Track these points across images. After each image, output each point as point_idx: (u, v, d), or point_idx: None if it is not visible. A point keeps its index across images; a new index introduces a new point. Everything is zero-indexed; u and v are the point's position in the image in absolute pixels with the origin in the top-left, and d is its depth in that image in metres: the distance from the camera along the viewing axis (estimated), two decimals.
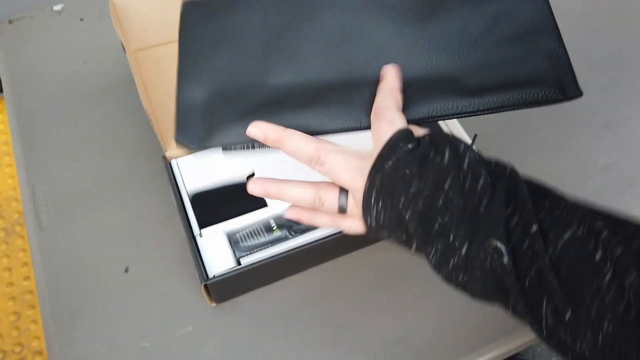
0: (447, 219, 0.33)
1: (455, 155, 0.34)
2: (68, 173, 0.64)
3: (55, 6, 0.83)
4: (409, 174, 0.34)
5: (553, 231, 0.31)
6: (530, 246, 0.31)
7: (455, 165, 0.34)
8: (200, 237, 0.54)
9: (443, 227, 0.33)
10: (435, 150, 0.35)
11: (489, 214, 0.32)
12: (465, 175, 0.33)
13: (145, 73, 0.66)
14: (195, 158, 0.60)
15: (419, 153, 0.35)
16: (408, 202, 0.34)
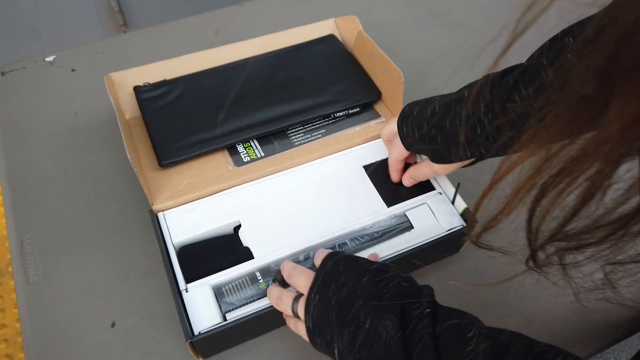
0: (360, 303, 0.43)
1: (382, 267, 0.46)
2: (56, 226, 0.65)
3: (48, 57, 0.85)
4: (342, 269, 0.46)
5: (444, 318, 0.41)
6: (421, 322, 0.40)
7: (377, 270, 0.45)
8: (186, 292, 0.54)
9: (357, 310, 0.42)
10: (368, 261, 0.47)
11: (391, 298, 0.42)
12: (382, 278, 0.44)
13: (136, 136, 0.68)
14: (182, 211, 0.60)
15: (352, 258, 0.47)
16: (336, 290, 0.44)
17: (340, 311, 0.43)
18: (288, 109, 0.69)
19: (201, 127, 0.67)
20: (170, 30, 0.91)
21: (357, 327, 0.42)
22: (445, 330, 0.40)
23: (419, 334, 0.40)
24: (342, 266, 0.46)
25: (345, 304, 0.43)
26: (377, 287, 0.43)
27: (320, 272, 0.46)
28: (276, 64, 0.76)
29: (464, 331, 0.39)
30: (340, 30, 0.82)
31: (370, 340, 0.41)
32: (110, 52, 0.87)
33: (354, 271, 0.45)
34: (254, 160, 0.65)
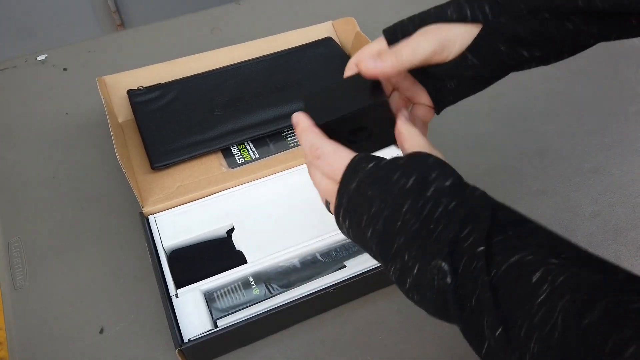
0: (402, 240, 0.34)
1: (421, 182, 0.35)
2: (45, 229, 0.63)
3: (39, 56, 0.83)
4: (371, 194, 0.36)
5: (502, 254, 0.31)
6: (474, 267, 0.31)
7: (417, 191, 0.35)
8: (176, 297, 0.52)
9: (399, 247, 0.35)
10: (402, 174, 0.36)
11: (439, 237, 0.33)
12: (426, 202, 0.34)
13: (129, 139, 0.66)
14: (173, 214, 0.59)
15: (382, 175, 0.36)
16: (369, 221, 0.36)
17: (379, 246, 0.36)
18: (284, 111, 0.68)
19: (195, 130, 0.65)
20: (165, 28, 0.90)
21: (403, 266, 0.35)
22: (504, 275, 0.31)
23: (473, 282, 0.31)
24: (370, 190, 0.36)
25: (385, 240, 0.35)
26: (421, 220, 0.34)
27: (343, 194, 0.37)
28: (273, 66, 0.74)
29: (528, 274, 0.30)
30: (337, 33, 0.81)
31: (421, 286, 0.34)
32: (103, 51, 0.85)
33: (387, 196, 0.35)
34: (248, 162, 0.64)
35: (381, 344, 0.54)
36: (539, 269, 0.30)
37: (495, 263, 0.31)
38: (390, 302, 0.57)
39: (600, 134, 0.73)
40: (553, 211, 0.65)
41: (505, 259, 0.31)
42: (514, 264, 0.31)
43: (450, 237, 0.33)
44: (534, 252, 0.31)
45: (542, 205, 0.66)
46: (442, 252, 0.33)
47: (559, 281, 0.29)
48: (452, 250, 0.32)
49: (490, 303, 0.30)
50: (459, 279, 0.32)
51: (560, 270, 0.29)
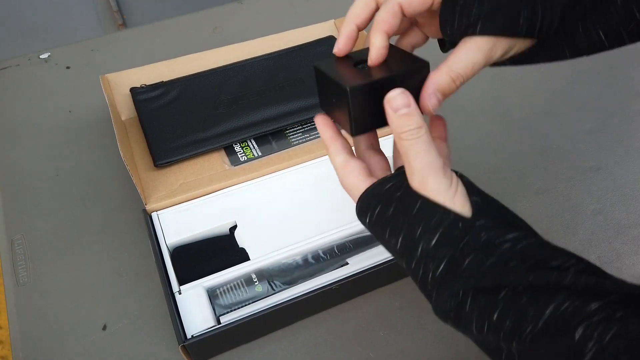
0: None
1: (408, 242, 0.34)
2: (48, 226, 0.63)
3: (42, 54, 0.83)
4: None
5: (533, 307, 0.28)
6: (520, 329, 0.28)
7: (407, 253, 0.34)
8: (179, 294, 0.52)
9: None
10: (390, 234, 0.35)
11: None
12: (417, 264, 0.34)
13: (132, 137, 0.67)
14: (176, 211, 0.59)
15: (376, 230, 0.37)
16: (388, 240, 0.36)
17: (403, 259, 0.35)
18: (286, 109, 0.68)
19: (198, 128, 0.65)
20: (167, 27, 0.90)
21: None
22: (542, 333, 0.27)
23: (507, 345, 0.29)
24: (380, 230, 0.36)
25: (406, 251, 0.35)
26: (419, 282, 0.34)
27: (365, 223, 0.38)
28: (275, 65, 0.74)
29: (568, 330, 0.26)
30: (340, 31, 0.81)
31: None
32: (105, 50, 0.85)
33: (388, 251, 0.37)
34: (250, 160, 0.64)
35: (383, 341, 0.54)
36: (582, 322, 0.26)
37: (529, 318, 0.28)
38: (393, 299, 0.57)
39: (602, 133, 0.73)
40: (554, 210, 0.65)
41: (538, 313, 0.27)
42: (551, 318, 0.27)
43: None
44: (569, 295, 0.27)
45: (544, 204, 0.66)
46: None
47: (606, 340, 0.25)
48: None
49: None
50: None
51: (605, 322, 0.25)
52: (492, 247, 0.31)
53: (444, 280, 0.32)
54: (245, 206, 0.60)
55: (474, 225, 0.32)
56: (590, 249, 0.61)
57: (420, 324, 0.55)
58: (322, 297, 0.53)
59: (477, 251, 0.31)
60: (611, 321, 0.25)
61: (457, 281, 0.31)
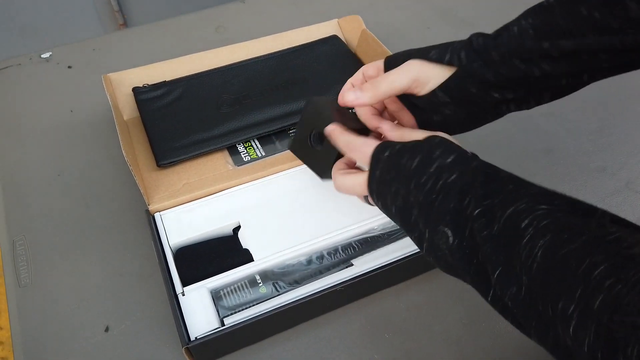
0: (415, 212, 0.41)
1: (425, 160, 0.41)
2: (50, 227, 0.63)
3: (44, 54, 0.83)
4: (389, 178, 0.43)
5: (500, 209, 0.36)
6: (476, 227, 0.36)
7: (421, 169, 0.41)
8: (182, 295, 0.52)
9: (415, 219, 0.41)
10: (409, 156, 0.42)
11: (441, 207, 0.39)
12: (428, 177, 0.40)
13: (134, 137, 0.66)
14: (179, 212, 0.58)
15: (394, 160, 0.43)
16: (392, 200, 0.42)
17: (402, 219, 0.42)
18: (290, 109, 0.68)
19: (201, 128, 0.65)
20: (170, 27, 0.89)
21: (419, 234, 0.41)
22: (502, 226, 0.35)
23: (476, 239, 0.36)
24: (388, 175, 0.43)
25: (405, 213, 0.42)
26: (425, 193, 0.40)
27: (372, 181, 0.44)
28: (279, 64, 0.74)
29: (517, 221, 0.34)
30: (343, 31, 0.81)
31: (434, 249, 0.40)
32: (107, 49, 0.85)
33: (400, 177, 0.42)
34: (254, 160, 0.63)
35: (388, 343, 0.54)
36: (529, 215, 0.34)
37: (496, 218, 0.36)
38: (398, 300, 0.56)
39: (607, 133, 0.72)
40: None
41: (502, 213, 0.35)
42: (509, 215, 0.35)
43: (450, 206, 0.38)
44: (526, 202, 0.35)
45: None
46: (445, 219, 0.38)
47: (542, 224, 0.33)
48: (455, 217, 0.38)
49: (491, 252, 0.35)
50: (467, 240, 0.37)
51: (546, 215, 0.33)
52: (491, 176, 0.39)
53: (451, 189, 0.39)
54: (249, 207, 0.59)
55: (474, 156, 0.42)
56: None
57: (426, 325, 0.54)
58: (326, 299, 0.52)
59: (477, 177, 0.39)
60: (549, 216, 0.33)
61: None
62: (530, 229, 0.33)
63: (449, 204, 0.39)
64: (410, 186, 0.41)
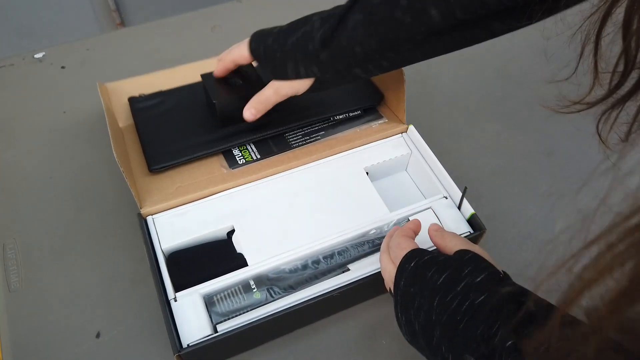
0: (438, 333, 0.38)
1: (454, 277, 0.39)
2: (41, 230, 0.62)
3: (37, 54, 0.82)
4: (413, 291, 0.41)
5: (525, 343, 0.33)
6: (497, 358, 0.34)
7: (449, 285, 0.39)
8: (174, 301, 0.50)
9: (437, 340, 0.38)
10: (436, 271, 0.41)
11: (467, 332, 0.36)
12: (454, 296, 0.38)
13: (128, 143, 0.65)
14: (172, 215, 0.57)
15: (420, 272, 0.41)
16: (415, 315, 0.40)
17: (425, 338, 0.40)
18: (285, 114, 0.66)
19: (195, 133, 0.63)
20: (165, 26, 0.88)
21: (442, 357, 0.39)
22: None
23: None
24: (412, 287, 0.41)
25: (427, 332, 0.40)
26: (449, 313, 0.38)
27: (397, 292, 0.43)
28: None
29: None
30: None
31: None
32: (101, 50, 0.83)
33: (424, 292, 0.40)
34: (249, 163, 0.62)
35: (386, 350, 0.52)
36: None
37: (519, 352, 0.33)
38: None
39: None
40: (560, 213, 0.64)
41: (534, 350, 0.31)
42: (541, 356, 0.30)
43: (477, 333, 0.36)
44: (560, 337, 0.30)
45: (550, 206, 0.64)
46: (471, 346, 0.36)
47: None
48: (481, 345, 0.35)
49: None
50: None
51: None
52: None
53: None
54: (244, 210, 0.58)
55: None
56: None
57: None
58: (322, 304, 0.51)
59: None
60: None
61: None
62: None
63: (476, 330, 0.36)
64: (434, 303, 0.39)
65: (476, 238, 0.56)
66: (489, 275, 0.39)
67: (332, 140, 0.65)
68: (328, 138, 0.65)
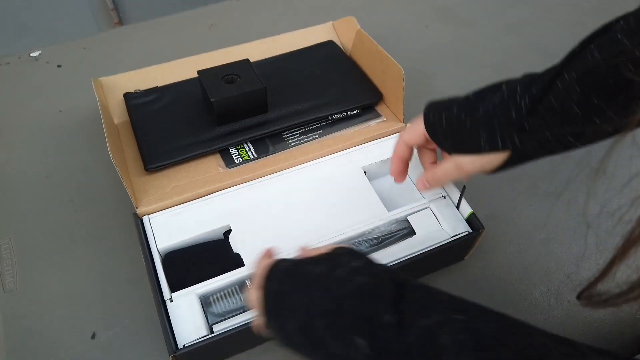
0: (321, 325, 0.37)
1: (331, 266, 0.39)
2: (36, 230, 0.61)
3: (33, 52, 0.81)
4: (287, 289, 0.40)
5: (410, 319, 0.34)
6: (388, 337, 0.34)
7: (327, 274, 0.39)
8: (170, 301, 0.50)
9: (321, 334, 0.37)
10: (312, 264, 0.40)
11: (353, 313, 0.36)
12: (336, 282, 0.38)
13: (124, 141, 0.64)
14: (169, 215, 0.57)
15: (292, 270, 0.41)
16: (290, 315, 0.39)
17: (303, 337, 0.38)
18: (283, 113, 0.66)
19: (192, 132, 0.63)
20: (162, 25, 0.88)
21: (326, 350, 0.37)
22: (414, 338, 0.33)
23: (390, 351, 0.34)
24: (286, 285, 0.40)
25: (306, 330, 0.38)
26: (332, 299, 0.37)
27: (268, 296, 0.41)
28: (273, 69, 0.72)
29: (435, 336, 0.33)
30: (338, 34, 0.79)
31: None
32: (98, 48, 0.83)
33: (299, 286, 0.39)
34: (246, 162, 0.62)
35: None
36: (447, 328, 0.33)
37: (405, 328, 0.34)
38: None
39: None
40: (561, 213, 0.63)
41: (413, 322, 0.34)
42: (421, 326, 0.33)
43: (363, 314, 0.35)
44: (441, 311, 0.34)
45: (549, 206, 0.64)
46: (359, 327, 0.35)
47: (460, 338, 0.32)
48: (367, 326, 0.35)
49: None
50: (380, 351, 0.34)
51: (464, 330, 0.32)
52: None
53: None
54: (241, 209, 0.57)
55: None
56: (598, 254, 0.59)
57: None
58: None
59: None
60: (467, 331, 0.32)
61: None
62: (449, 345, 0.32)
63: (363, 311, 0.35)
64: (313, 293, 0.38)
65: (474, 237, 0.55)
66: (367, 261, 0.39)
67: (330, 139, 0.64)
68: (326, 137, 0.65)
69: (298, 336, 0.38)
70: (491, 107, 0.44)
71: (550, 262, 0.60)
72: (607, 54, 0.36)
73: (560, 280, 0.58)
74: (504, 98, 0.43)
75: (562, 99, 0.39)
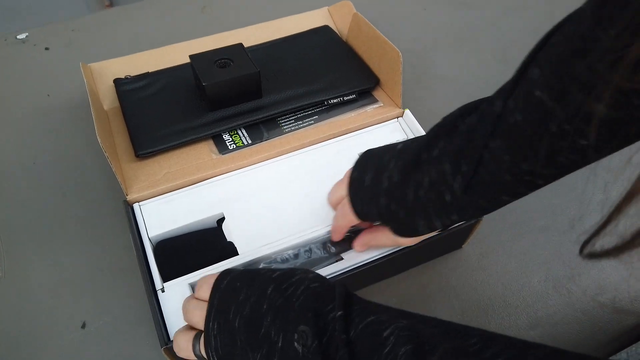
0: (269, 320, 0.37)
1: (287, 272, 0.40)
2: (24, 218, 0.60)
3: (20, 35, 0.79)
4: (239, 285, 0.40)
5: (359, 317, 0.36)
6: (334, 328, 0.35)
7: (282, 277, 0.39)
8: (162, 291, 0.49)
9: (267, 328, 0.37)
10: (269, 269, 0.41)
11: (302, 306, 0.37)
12: (289, 285, 0.38)
13: (114, 127, 0.63)
14: (160, 202, 0.55)
15: (252, 269, 0.42)
16: (237, 309, 0.38)
17: (247, 333, 0.37)
18: (278, 98, 0.64)
19: (183, 118, 0.62)
20: (153, 7, 0.85)
21: (270, 346, 0.36)
22: (360, 333, 0.34)
23: (334, 342, 0.34)
24: (239, 282, 0.40)
25: (252, 324, 0.37)
26: (285, 296, 0.38)
27: (215, 294, 0.40)
28: (267, 55, 0.70)
29: (379, 330, 0.34)
30: (334, 19, 0.77)
31: (288, 356, 0.35)
32: (87, 30, 0.81)
33: (255, 284, 0.39)
34: (240, 148, 0.60)
35: None
36: (390, 326, 0.34)
37: (354, 324, 0.35)
38: (390, 294, 0.54)
39: None
40: (561, 201, 0.62)
41: (361, 320, 0.35)
42: (369, 323, 0.35)
43: (312, 307, 0.36)
44: (386, 314, 0.36)
45: (548, 194, 0.63)
46: (307, 317, 0.36)
47: (404, 335, 0.33)
48: (315, 318, 0.36)
49: (346, 357, 0.33)
50: (325, 341, 0.35)
51: (406, 326, 0.34)
52: None
53: None
54: (234, 197, 0.56)
55: None
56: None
57: None
58: None
59: None
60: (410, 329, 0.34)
61: None
62: (392, 338, 0.33)
63: (312, 305, 0.37)
64: (267, 291, 0.38)
65: (471, 226, 0.54)
66: (320, 276, 0.40)
67: (325, 125, 0.63)
68: (322, 123, 0.63)
69: (241, 334, 0.38)
70: (422, 193, 0.42)
71: (548, 249, 0.59)
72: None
73: (559, 268, 0.57)
74: (432, 180, 0.41)
75: (492, 171, 0.39)
